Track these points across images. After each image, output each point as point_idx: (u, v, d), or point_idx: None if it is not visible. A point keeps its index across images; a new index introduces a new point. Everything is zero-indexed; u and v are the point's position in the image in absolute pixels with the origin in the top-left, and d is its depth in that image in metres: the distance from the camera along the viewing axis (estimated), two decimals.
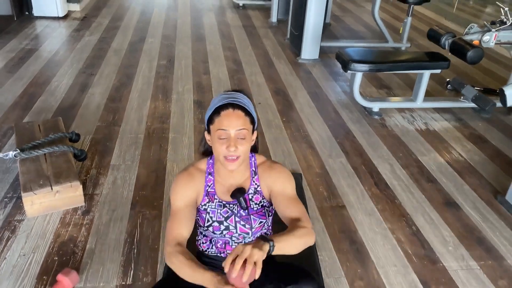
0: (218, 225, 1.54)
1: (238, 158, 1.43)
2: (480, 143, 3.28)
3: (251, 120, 1.46)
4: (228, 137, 1.41)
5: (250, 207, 1.56)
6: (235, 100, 1.44)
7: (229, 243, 1.60)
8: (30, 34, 4.92)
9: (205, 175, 1.56)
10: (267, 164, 1.60)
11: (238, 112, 1.42)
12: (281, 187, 1.54)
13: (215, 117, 1.43)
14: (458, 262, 2.15)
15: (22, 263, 1.97)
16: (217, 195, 1.55)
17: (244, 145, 1.43)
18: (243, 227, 1.55)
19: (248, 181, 1.57)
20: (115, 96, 3.61)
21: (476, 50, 3.18)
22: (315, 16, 4.50)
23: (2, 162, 2.65)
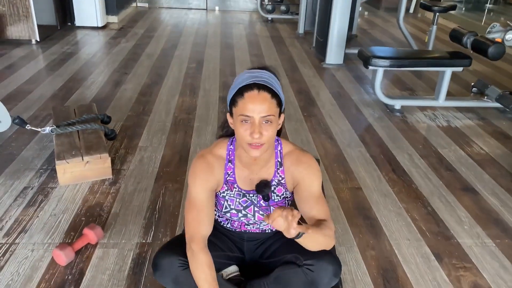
0: (236, 213, 1.55)
1: (262, 145, 1.34)
2: (502, 139, 3.26)
3: (277, 102, 1.34)
4: (253, 122, 1.30)
5: (271, 198, 1.51)
6: (261, 80, 1.33)
7: (245, 225, 1.63)
8: (71, 41, 5.27)
9: (225, 162, 1.50)
10: (296, 155, 1.51)
11: (263, 94, 1.31)
12: (309, 184, 1.48)
13: (238, 98, 1.32)
14: (473, 239, 2.15)
15: (52, 221, 2.12)
16: (237, 183, 1.51)
17: (270, 130, 1.33)
18: (262, 216, 1.55)
19: (272, 170, 1.50)
20: (146, 91, 3.81)
21: (497, 46, 3.21)
22: (340, 21, 4.63)
23: (41, 140, 2.86)
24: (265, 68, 1.41)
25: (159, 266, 1.47)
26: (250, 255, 1.74)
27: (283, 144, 1.53)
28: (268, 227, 1.69)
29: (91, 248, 1.95)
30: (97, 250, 1.94)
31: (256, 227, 1.67)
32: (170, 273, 1.47)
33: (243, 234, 1.69)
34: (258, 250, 1.72)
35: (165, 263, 1.47)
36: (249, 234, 1.69)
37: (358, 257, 1.99)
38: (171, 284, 1.49)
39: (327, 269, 1.45)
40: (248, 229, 1.67)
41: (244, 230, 1.68)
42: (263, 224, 1.66)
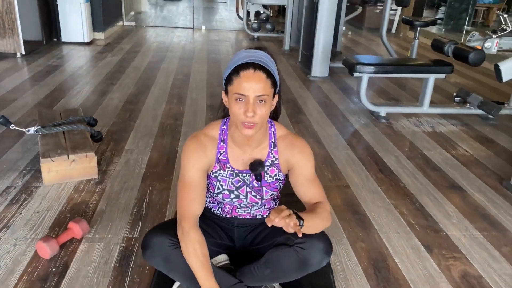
0: (228, 194, 1.54)
1: (255, 125, 1.36)
2: (486, 143, 3.32)
3: (272, 82, 1.37)
4: (247, 101, 1.33)
5: (264, 179, 1.53)
6: (257, 60, 1.35)
7: (236, 210, 1.63)
8: (57, 55, 5.26)
9: (217, 142, 1.51)
10: (289, 139, 1.54)
11: (259, 73, 1.33)
12: (303, 167, 1.51)
13: (234, 77, 1.34)
14: (461, 232, 2.16)
15: (36, 217, 2.06)
16: (230, 163, 1.51)
17: (263, 109, 1.35)
18: (254, 197, 1.55)
19: (265, 151, 1.52)
20: (132, 100, 3.80)
21: (477, 52, 3.31)
22: (325, 34, 4.72)
23: (25, 143, 2.81)
24: (262, 49, 1.44)
25: (149, 245, 1.44)
26: (240, 242, 1.72)
27: (277, 126, 1.56)
28: (259, 213, 1.68)
29: (76, 243, 1.90)
30: (82, 244, 1.89)
31: (247, 212, 1.66)
32: (160, 252, 1.44)
33: (233, 220, 1.67)
34: (249, 237, 1.70)
35: (155, 242, 1.44)
36: (240, 220, 1.68)
37: (348, 249, 1.97)
38: (162, 263, 1.45)
39: (318, 247, 1.44)
40: (239, 214, 1.66)
41: (235, 216, 1.66)
42: (254, 208, 1.65)
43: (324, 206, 1.51)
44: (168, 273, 1.50)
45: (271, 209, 1.71)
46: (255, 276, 1.53)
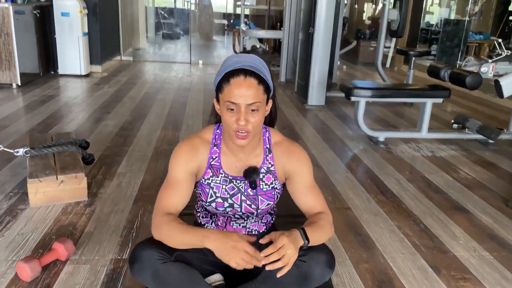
0: (221, 202, 1.46)
1: (248, 134, 1.31)
2: (488, 166, 3.25)
3: (265, 88, 1.31)
4: (238, 110, 1.28)
5: (259, 187, 1.45)
6: (247, 65, 1.30)
7: (230, 223, 1.54)
8: (53, 86, 5.25)
9: (210, 146, 1.45)
10: (285, 146, 1.47)
11: (250, 80, 1.28)
12: (301, 175, 1.45)
13: (224, 84, 1.29)
14: (469, 252, 2.05)
15: (19, 239, 1.94)
16: (223, 169, 1.45)
17: (257, 117, 1.29)
18: (249, 207, 1.47)
19: (260, 157, 1.45)
20: (127, 127, 3.74)
21: (474, 75, 3.30)
22: (320, 63, 4.74)
23: (13, 167, 2.72)
24: (253, 51, 1.40)
25: (137, 258, 1.34)
26: None
27: (272, 132, 1.49)
28: (255, 227, 1.58)
29: (60, 264, 1.77)
30: (67, 266, 1.77)
31: (242, 225, 1.56)
32: (149, 267, 1.33)
33: None
34: None
35: (144, 255, 1.34)
36: None
37: (352, 270, 1.85)
38: (151, 279, 1.33)
39: (320, 259, 1.35)
40: (234, 228, 1.56)
41: (230, 230, 1.56)
42: (250, 221, 1.56)
43: (326, 217, 1.44)
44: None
45: (267, 224, 1.62)
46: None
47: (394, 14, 4.93)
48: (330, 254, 1.39)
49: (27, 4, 5.30)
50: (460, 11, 10.24)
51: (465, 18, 9.51)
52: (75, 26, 5.72)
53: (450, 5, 10.46)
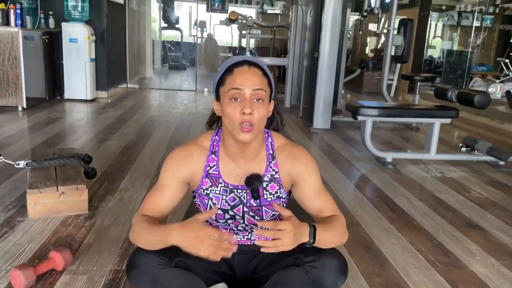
0: (222, 214, 1.37)
1: (253, 128, 1.22)
2: (500, 187, 3.16)
3: (268, 82, 1.27)
4: (243, 98, 1.21)
5: (262, 196, 1.36)
6: (252, 59, 1.28)
7: (234, 234, 1.45)
8: (59, 109, 5.26)
9: (207, 153, 1.36)
10: (289, 149, 1.38)
11: (254, 69, 1.24)
12: (308, 180, 1.36)
13: (227, 76, 1.24)
14: (488, 269, 1.94)
15: (15, 250, 1.86)
16: (222, 177, 1.36)
17: (261, 109, 1.23)
18: (252, 218, 1.38)
19: (263, 164, 1.36)
20: (131, 146, 3.70)
21: (482, 94, 3.26)
22: (325, 87, 4.74)
23: (14, 181, 2.66)
24: None
25: (136, 264, 1.25)
26: (241, 272, 1.51)
27: (274, 136, 1.41)
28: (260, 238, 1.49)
29: (56, 275, 1.68)
30: (63, 276, 1.68)
31: (246, 237, 1.48)
32: (148, 273, 1.23)
33: None
34: (250, 265, 1.50)
35: (143, 260, 1.24)
36: (240, 247, 1.48)
37: (364, 284, 1.75)
38: (149, 286, 1.24)
39: (332, 265, 1.25)
40: (238, 240, 1.47)
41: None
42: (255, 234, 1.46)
43: (338, 219, 1.35)
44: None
45: None
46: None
47: (399, 40, 4.97)
48: (342, 260, 1.30)
49: (36, 29, 5.40)
50: (462, 43, 10.38)
51: (468, 49, 9.63)
52: (82, 52, 5.79)
53: (452, 37, 10.61)
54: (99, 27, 6.14)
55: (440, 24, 10.58)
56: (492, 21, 10.00)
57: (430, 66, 9.82)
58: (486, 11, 9.91)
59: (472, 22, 9.95)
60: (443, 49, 10.26)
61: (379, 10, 4.87)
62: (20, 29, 4.84)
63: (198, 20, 11.04)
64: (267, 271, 1.40)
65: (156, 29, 11.61)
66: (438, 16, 10.28)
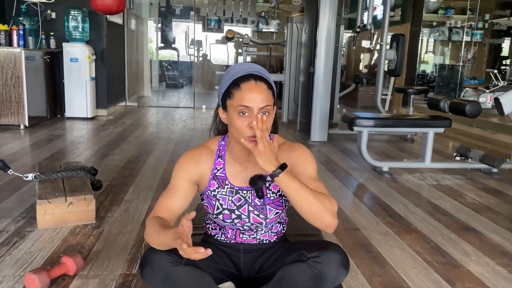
0: (229, 214, 1.46)
1: None
2: (494, 193, 3.25)
3: (272, 93, 1.35)
4: (251, 114, 1.28)
5: (266, 196, 1.44)
6: (255, 71, 1.33)
7: (240, 235, 1.54)
8: (60, 127, 5.35)
9: (214, 157, 1.46)
10: (287, 145, 1.47)
11: (261, 85, 1.31)
12: (302, 166, 1.42)
13: (234, 90, 1.31)
14: (483, 267, 2.02)
15: (27, 257, 1.92)
16: (228, 180, 1.45)
17: (268, 121, 1.30)
18: (257, 217, 1.46)
19: None
20: (133, 160, 3.78)
21: (473, 103, 3.38)
22: (321, 100, 4.86)
23: (22, 194, 2.73)
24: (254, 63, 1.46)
25: (148, 262, 1.32)
26: (247, 271, 1.58)
27: (275, 138, 1.46)
28: (265, 238, 1.57)
29: (68, 279, 1.75)
30: (75, 281, 1.74)
31: (252, 237, 1.55)
32: (160, 270, 1.31)
33: (238, 245, 1.56)
34: (256, 264, 1.57)
35: (155, 258, 1.32)
36: (246, 246, 1.56)
37: (365, 283, 1.82)
38: (161, 283, 1.31)
39: (335, 259, 1.33)
40: (244, 240, 1.55)
41: (240, 242, 1.55)
42: (260, 232, 1.55)
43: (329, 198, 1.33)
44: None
45: (278, 233, 1.61)
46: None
47: (391, 54, 5.11)
48: (344, 254, 1.37)
49: (38, 50, 5.52)
50: (454, 57, 10.61)
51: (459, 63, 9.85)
52: (83, 71, 5.91)
53: (444, 52, 10.84)
54: (99, 47, 6.28)
55: (432, 39, 10.83)
56: (482, 36, 10.25)
57: (423, 80, 10.01)
58: (475, 26, 10.17)
59: (462, 37, 10.20)
60: (436, 64, 10.48)
61: (372, 26, 5.03)
62: (22, 50, 4.96)
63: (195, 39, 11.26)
64: (272, 269, 1.47)
65: (153, 48, 11.80)
66: (429, 32, 10.53)
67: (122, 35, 7.64)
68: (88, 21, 5.94)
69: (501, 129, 5.67)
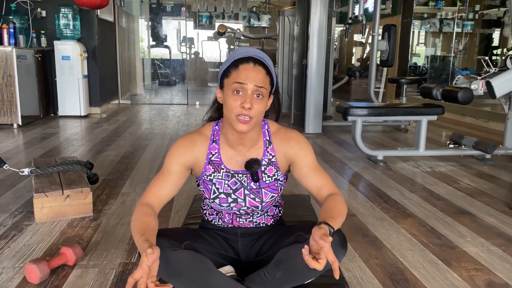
0: (225, 198, 1.47)
1: (250, 120, 1.31)
2: (487, 178, 3.28)
3: (270, 81, 1.36)
4: (245, 93, 1.30)
5: (261, 179, 1.46)
6: (257, 56, 1.34)
7: (237, 219, 1.56)
8: (53, 125, 5.32)
9: (209, 142, 1.46)
10: (283, 133, 1.48)
11: (258, 68, 1.31)
12: (303, 158, 1.45)
13: (232, 70, 1.32)
14: (478, 247, 2.04)
15: (25, 249, 1.93)
16: (224, 164, 1.46)
17: (260, 104, 1.31)
18: (253, 200, 1.48)
19: (261, 150, 1.46)
20: (128, 156, 3.78)
21: (465, 90, 3.41)
22: (315, 92, 4.87)
23: (18, 190, 2.73)
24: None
25: None
26: (245, 254, 1.60)
27: (270, 123, 1.51)
28: (262, 221, 1.58)
29: (68, 269, 1.75)
30: (75, 270, 1.74)
31: (249, 220, 1.57)
32: (160, 255, 1.32)
33: (236, 229, 1.58)
34: (255, 247, 1.59)
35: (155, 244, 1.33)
36: (243, 229, 1.58)
37: (362, 265, 1.84)
38: (161, 266, 1.30)
39: (333, 239, 1.34)
40: (241, 223, 1.56)
41: (237, 226, 1.57)
42: (256, 216, 1.56)
43: (340, 198, 1.43)
44: (168, 278, 1.36)
45: (274, 217, 1.62)
46: (266, 281, 1.40)
47: (384, 45, 5.14)
48: (341, 234, 1.39)
49: (29, 48, 5.49)
50: (445, 48, 10.66)
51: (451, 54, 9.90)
52: (75, 69, 5.88)
53: (435, 43, 10.89)
54: (91, 45, 6.25)
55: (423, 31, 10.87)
56: (472, 27, 10.31)
57: (415, 72, 10.06)
58: (466, 17, 10.22)
59: (453, 28, 10.25)
60: (427, 56, 10.53)
61: (363, 17, 5.05)
62: (14, 48, 4.92)
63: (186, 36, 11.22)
64: (271, 252, 1.49)
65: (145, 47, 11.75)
66: (420, 24, 10.56)
67: (114, 33, 7.60)
68: (79, 18, 5.91)
69: (493, 117, 5.72)
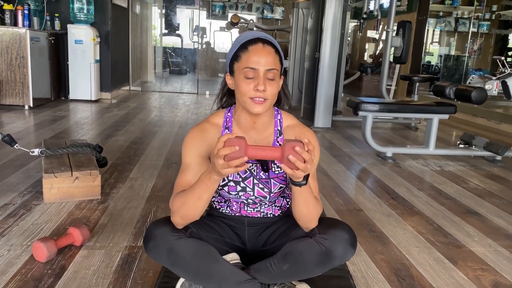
0: (234, 186, 1.46)
1: (265, 101, 1.31)
2: (497, 179, 3.25)
3: (280, 59, 1.35)
4: (257, 76, 1.29)
5: (271, 170, 1.45)
6: (264, 36, 1.35)
7: (244, 207, 1.55)
8: (64, 108, 5.36)
9: (221, 129, 1.46)
10: (298, 130, 1.47)
11: (268, 48, 1.31)
12: None
13: (241, 53, 1.32)
14: (485, 248, 2.03)
15: (33, 228, 1.95)
16: None
17: (273, 86, 1.31)
18: (261, 190, 1.46)
19: (271, 138, 1.45)
20: (137, 141, 3.79)
21: (479, 90, 3.37)
22: (326, 87, 4.85)
23: (27, 170, 2.75)
24: None
25: (152, 236, 1.31)
26: (252, 244, 1.59)
27: (283, 115, 1.50)
28: (269, 211, 1.58)
29: (75, 249, 1.77)
30: (82, 251, 1.76)
31: (256, 210, 1.56)
32: (164, 243, 1.30)
33: (243, 218, 1.57)
34: (261, 238, 1.58)
35: (159, 232, 1.32)
36: (250, 219, 1.57)
37: (368, 260, 1.84)
38: (165, 255, 1.31)
39: (343, 237, 1.33)
40: (248, 212, 1.56)
41: (245, 215, 1.56)
42: (264, 206, 1.56)
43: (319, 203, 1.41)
44: (172, 267, 1.35)
45: (282, 208, 1.61)
46: (272, 272, 1.39)
47: (398, 41, 5.09)
48: (352, 233, 1.37)
49: (43, 31, 5.51)
50: (459, 48, 10.54)
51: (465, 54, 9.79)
52: (87, 53, 5.90)
53: (450, 42, 10.77)
54: (104, 30, 6.25)
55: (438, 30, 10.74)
56: (488, 27, 10.17)
57: (428, 71, 9.96)
58: (482, 17, 10.08)
59: (469, 28, 10.12)
60: (441, 55, 10.42)
61: (378, 12, 5.00)
62: (28, 30, 4.95)
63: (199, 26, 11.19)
64: (278, 244, 1.48)
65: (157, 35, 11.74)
66: (435, 22, 10.44)
67: (127, 19, 7.60)
68: (93, 2, 5.91)
69: (505, 119, 5.66)
